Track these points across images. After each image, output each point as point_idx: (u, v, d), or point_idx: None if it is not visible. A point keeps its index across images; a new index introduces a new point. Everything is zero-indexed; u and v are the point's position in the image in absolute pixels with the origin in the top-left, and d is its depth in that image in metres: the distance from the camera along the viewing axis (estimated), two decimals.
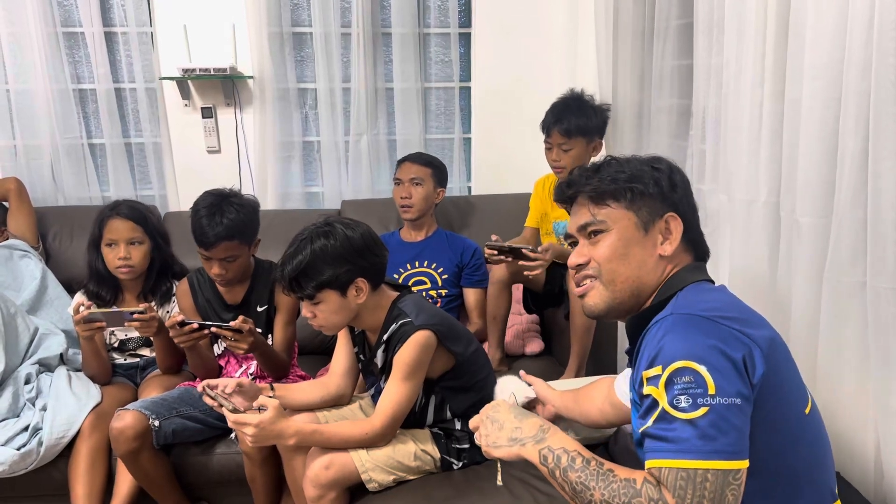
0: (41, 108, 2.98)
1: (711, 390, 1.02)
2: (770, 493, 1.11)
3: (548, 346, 2.81)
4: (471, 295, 2.72)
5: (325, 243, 1.71)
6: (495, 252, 2.44)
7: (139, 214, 2.38)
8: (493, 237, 2.46)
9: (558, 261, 2.58)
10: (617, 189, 1.24)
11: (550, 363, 2.66)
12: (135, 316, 2.12)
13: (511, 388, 1.75)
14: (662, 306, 1.18)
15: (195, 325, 2.06)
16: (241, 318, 2.05)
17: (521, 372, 1.76)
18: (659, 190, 1.23)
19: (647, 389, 1.09)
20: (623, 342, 2.45)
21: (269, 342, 2.28)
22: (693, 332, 1.07)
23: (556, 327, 2.80)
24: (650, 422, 1.08)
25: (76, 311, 2.17)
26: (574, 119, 2.52)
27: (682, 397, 1.04)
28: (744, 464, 1.04)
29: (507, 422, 1.28)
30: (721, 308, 1.12)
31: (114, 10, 2.99)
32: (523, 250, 2.40)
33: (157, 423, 2.05)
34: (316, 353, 2.76)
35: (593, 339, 2.46)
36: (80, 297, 2.43)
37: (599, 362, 2.50)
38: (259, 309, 2.28)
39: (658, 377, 1.07)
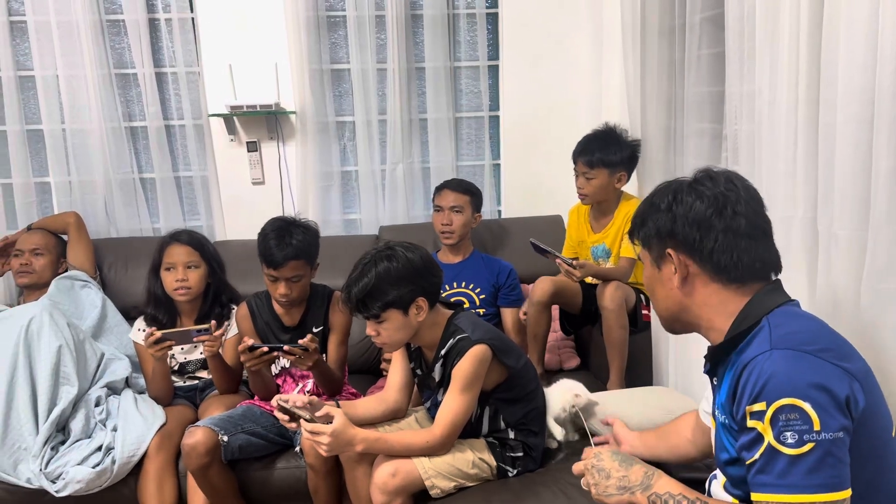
0: (95, 145, 3.11)
1: (817, 426, 1.06)
2: None
3: (584, 361, 2.91)
4: (507, 314, 2.82)
5: (389, 266, 1.80)
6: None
7: (197, 241, 2.52)
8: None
9: (593, 280, 2.70)
10: (634, 233, 1.36)
11: (588, 377, 2.73)
12: (201, 333, 2.25)
13: (569, 388, 1.95)
14: (743, 336, 1.21)
15: (265, 349, 2.16)
16: (309, 336, 2.16)
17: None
18: (656, 230, 1.30)
19: (751, 423, 1.12)
20: (658, 353, 2.53)
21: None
22: (796, 369, 1.10)
23: (591, 343, 2.89)
24: (756, 455, 1.12)
25: (145, 338, 2.27)
26: (597, 152, 2.64)
27: (788, 433, 1.07)
28: (847, 493, 1.08)
29: (612, 470, 1.34)
30: (817, 339, 1.15)
31: (163, 51, 3.13)
32: (557, 259, 2.54)
33: (225, 438, 2.14)
34: (361, 371, 2.88)
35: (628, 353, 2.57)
36: (140, 322, 2.54)
37: (634, 374, 2.58)
38: (315, 330, 2.38)
39: (763, 413, 1.10)
